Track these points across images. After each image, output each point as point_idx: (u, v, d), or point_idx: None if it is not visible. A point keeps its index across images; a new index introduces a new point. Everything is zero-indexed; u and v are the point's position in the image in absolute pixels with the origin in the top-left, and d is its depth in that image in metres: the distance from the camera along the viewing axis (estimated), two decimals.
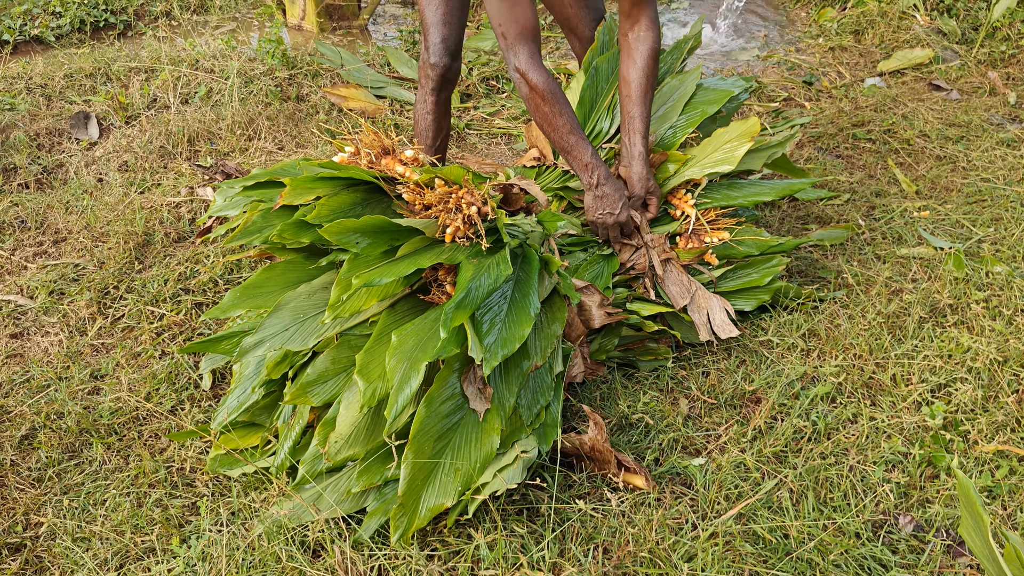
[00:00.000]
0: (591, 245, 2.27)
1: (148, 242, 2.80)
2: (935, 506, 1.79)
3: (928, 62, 4.15)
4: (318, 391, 1.75)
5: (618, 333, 2.18)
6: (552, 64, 4.04)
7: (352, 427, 1.71)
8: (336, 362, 1.78)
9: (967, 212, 2.89)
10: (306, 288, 1.85)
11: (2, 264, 2.73)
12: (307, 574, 1.66)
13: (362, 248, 1.71)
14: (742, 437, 2.00)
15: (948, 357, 2.16)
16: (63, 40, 4.36)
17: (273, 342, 1.79)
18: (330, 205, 1.77)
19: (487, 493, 1.65)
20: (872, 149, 3.42)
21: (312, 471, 1.76)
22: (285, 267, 1.92)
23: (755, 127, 2.28)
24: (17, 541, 1.84)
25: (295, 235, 1.78)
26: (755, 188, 2.37)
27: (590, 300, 2.05)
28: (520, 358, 1.80)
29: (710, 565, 1.65)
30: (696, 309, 2.19)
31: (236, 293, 1.88)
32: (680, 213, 2.31)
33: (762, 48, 4.45)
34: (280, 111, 3.55)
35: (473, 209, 1.80)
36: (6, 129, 3.33)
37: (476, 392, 1.72)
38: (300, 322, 1.82)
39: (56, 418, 2.15)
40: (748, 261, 2.32)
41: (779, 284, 2.33)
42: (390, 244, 1.77)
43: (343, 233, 1.69)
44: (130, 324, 2.48)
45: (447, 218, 1.81)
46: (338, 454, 1.69)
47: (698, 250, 2.26)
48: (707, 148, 2.32)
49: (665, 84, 2.48)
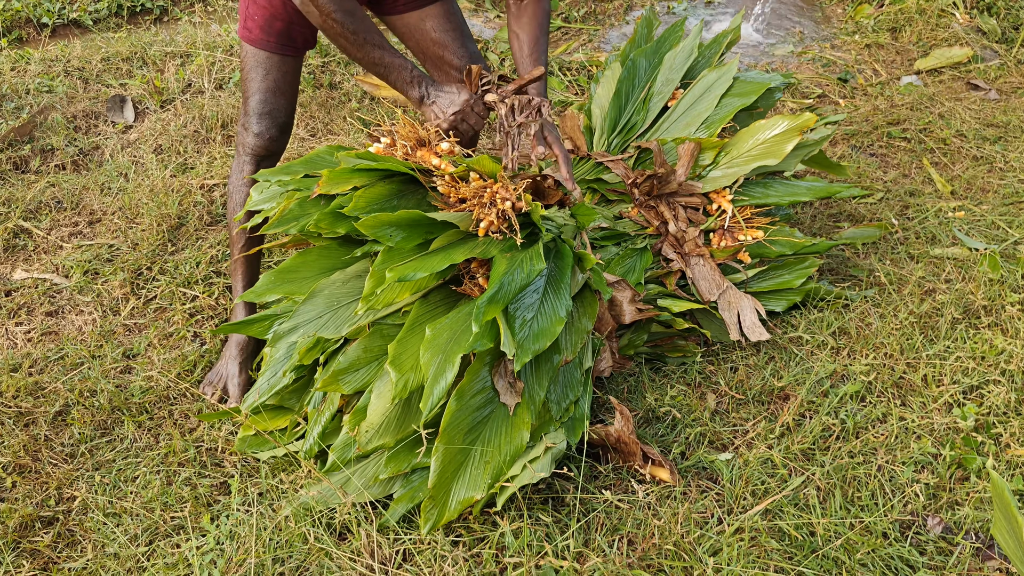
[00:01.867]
0: (624, 239, 2.26)
1: (181, 224, 2.83)
2: (964, 508, 1.78)
3: (966, 61, 4.09)
4: (349, 379, 1.76)
5: (648, 329, 2.17)
6: (584, 56, 4.03)
7: (383, 417, 1.73)
8: (368, 351, 1.79)
9: (1003, 213, 2.85)
10: (340, 276, 1.86)
11: (38, 243, 2.78)
12: (333, 556, 1.68)
13: (396, 241, 1.72)
14: (769, 433, 1.99)
15: (981, 359, 2.13)
16: (101, 24, 4.41)
17: (307, 328, 1.80)
18: (367, 197, 1.78)
19: (517, 485, 1.65)
20: (907, 148, 3.38)
21: (342, 458, 1.78)
22: (320, 253, 1.93)
23: (808, 122, 2.25)
24: (50, 514, 1.87)
25: (331, 225, 1.79)
26: (792, 187, 2.35)
27: (621, 296, 2.05)
28: (551, 353, 1.80)
29: (735, 559, 1.64)
30: (727, 307, 2.18)
31: (271, 277, 1.89)
32: (716, 208, 2.30)
33: (797, 44, 4.41)
34: (312, 98, 3.57)
35: (507, 204, 1.80)
36: (44, 111, 3.38)
37: (507, 386, 1.72)
38: (334, 310, 1.83)
39: (89, 395, 2.18)
40: (781, 262, 2.30)
41: (811, 286, 2.31)
42: (424, 237, 1.78)
43: (379, 227, 1.70)
44: (162, 305, 2.52)
45: (481, 212, 1.81)
46: (369, 443, 1.71)
47: (732, 248, 2.24)
48: (746, 140, 2.30)
49: (702, 77, 2.46)
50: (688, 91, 2.46)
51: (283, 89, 2.16)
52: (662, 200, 2.30)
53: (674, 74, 2.50)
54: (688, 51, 2.53)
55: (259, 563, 1.67)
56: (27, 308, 2.51)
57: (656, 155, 2.26)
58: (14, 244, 2.76)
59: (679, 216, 2.29)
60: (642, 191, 2.30)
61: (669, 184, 2.28)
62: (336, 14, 1.82)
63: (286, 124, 2.20)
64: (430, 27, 2.26)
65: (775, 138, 2.27)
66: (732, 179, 2.28)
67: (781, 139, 2.26)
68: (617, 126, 2.48)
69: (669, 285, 2.23)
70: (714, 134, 2.36)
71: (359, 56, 1.89)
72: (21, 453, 2.00)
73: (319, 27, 1.87)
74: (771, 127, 2.28)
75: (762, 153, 2.26)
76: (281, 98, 2.17)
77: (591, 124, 2.54)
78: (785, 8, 4.80)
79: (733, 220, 2.27)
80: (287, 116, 2.19)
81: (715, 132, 2.37)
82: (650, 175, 2.26)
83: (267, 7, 2.08)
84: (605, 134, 2.48)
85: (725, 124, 2.39)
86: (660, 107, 2.48)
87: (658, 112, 2.48)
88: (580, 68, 3.95)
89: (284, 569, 1.68)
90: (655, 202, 2.30)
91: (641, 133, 2.45)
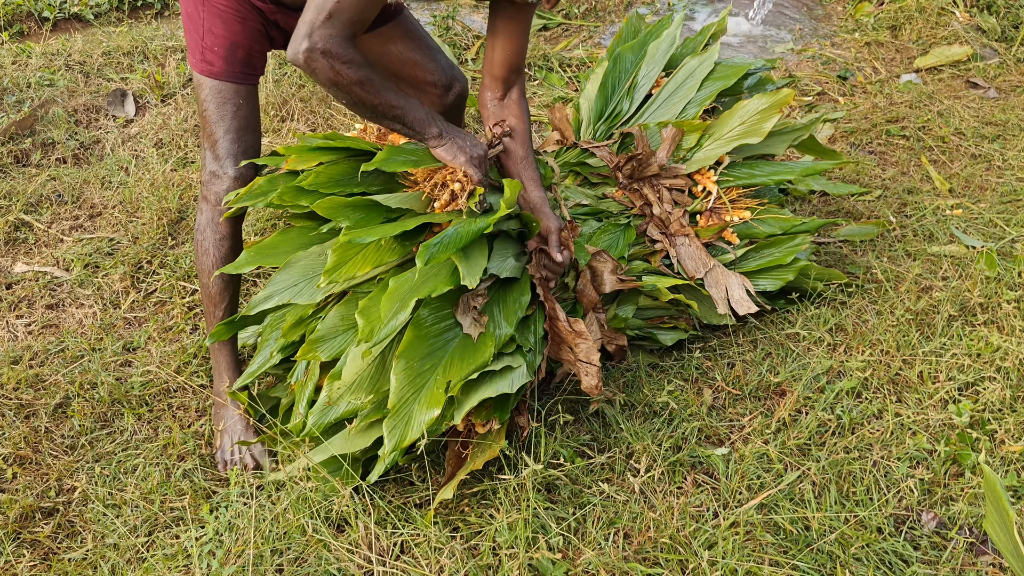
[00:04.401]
0: (606, 215, 2.27)
1: (181, 218, 2.84)
2: (959, 504, 1.79)
3: (966, 59, 4.09)
4: (326, 347, 1.77)
5: (635, 302, 2.18)
6: (584, 53, 4.04)
7: (355, 376, 1.74)
8: (345, 319, 1.81)
9: (1001, 211, 2.86)
10: (317, 248, 1.88)
11: (39, 237, 2.79)
12: (331, 547, 1.69)
13: (354, 221, 1.75)
14: (766, 429, 2.00)
15: (977, 356, 2.14)
16: (102, 18, 4.41)
17: (282, 296, 1.82)
18: (328, 173, 1.82)
19: (477, 399, 1.68)
20: (906, 146, 3.38)
21: (320, 423, 1.77)
22: (299, 232, 1.94)
23: (787, 98, 2.25)
24: (50, 505, 1.88)
25: (294, 198, 1.80)
26: (778, 167, 2.37)
27: (602, 266, 2.07)
28: (518, 293, 1.84)
29: (730, 553, 1.66)
30: (714, 284, 2.20)
31: (251, 252, 1.88)
32: (701, 189, 2.31)
33: (797, 41, 4.42)
34: (313, 93, 3.58)
35: (457, 185, 1.85)
36: (45, 105, 3.39)
37: (471, 321, 1.76)
38: (308, 279, 1.84)
39: (89, 388, 2.19)
40: (771, 241, 2.31)
41: (803, 263, 2.30)
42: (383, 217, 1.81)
43: (334, 208, 1.74)
44: (162, 298, 2.53)
45: (432, 193, 1.86)
46: (340, 399, 1.72)
47: (717, 226, 2.25)
48: (729, 121, 2.31)
49: (684, 64, 2.49)
50: (671, 77, 2.49)
51: (252, 123, 2.00)
52: (646, 182, 2.32)
53: (657, 62, 2.54)
54: (671, 39, 2.56)
55: (257, 554, 1.68)
56: (28, 301, 2.52)
57: (637, 139, 2.27)
58: (15, 237, 2.77)
59: (664, 198, 2.30)
60: (625, 174, 2.32)
61: (650, 166, 2.29)
62: (350, 66, 1.69)
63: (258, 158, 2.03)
64: (396, 50, 2.17)
65: (756, 116, 2.28)
66: (714, 159, 2.30)
67: (762, 117, 2.27)
68: (603, 114, 2.51)
69: (654, 262, 2.24)
70: (696, 116, 2.38)
71: (376, 102, 1.75)
72: (22, 444, 2.01)
73: (329, 81, 1.69)
74: (751, 105, 2.30)
75: (744, 132, 2.28)
76: (252, 134, 2.00)
77: (579, 116, 2.57)
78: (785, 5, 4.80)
79: (719, 201, 2.28)
80: (258, 150, 2.03)
81: (697, 114, 2.38)
82: (630, 157, 2.28)
83: (226, 35, 1.93)
84: (592, 123, 2.51)
85: (707, 106, 2.41)
86: (644, 94, 2.51)
87: (642, 99, 2.50)
88: (580, 64, 3.96)
89: (282, 560, 1.69)
90: (639, 184, 2.32)
91: (626, 120, 2.47)
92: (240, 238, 2.04)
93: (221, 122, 1.95)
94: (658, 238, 2.25)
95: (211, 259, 2.01)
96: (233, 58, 1.94)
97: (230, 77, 1.95)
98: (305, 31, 1.65)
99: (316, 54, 1.65)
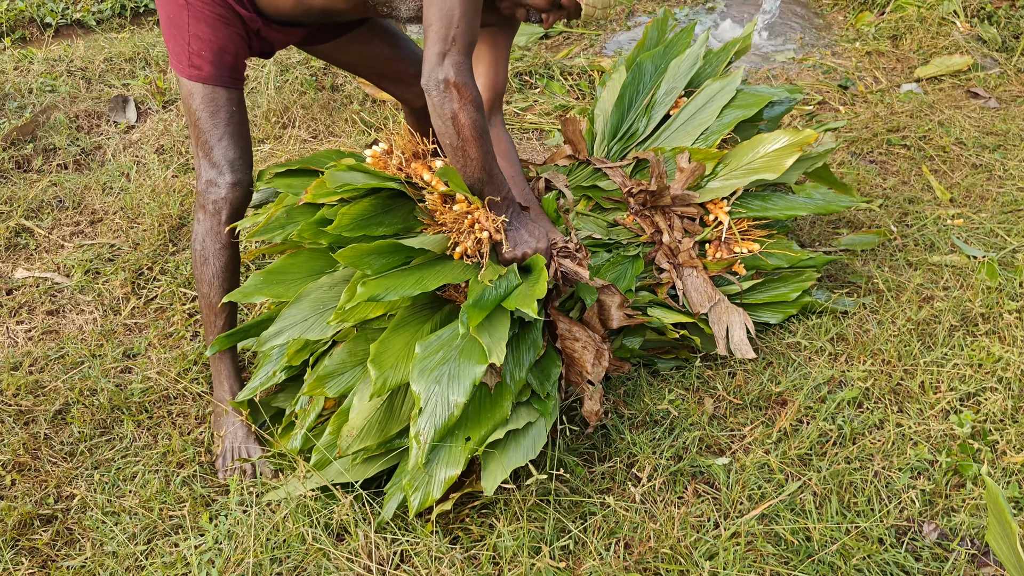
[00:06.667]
0: (616, 246, 2.27)
1: (182, 225, 2.84)
2: (960, 515, 1.78)
3: (967, 69, 4.10)
4: (334, 383, 1.77)
5: (642, 334, 2.18)
6: (586, 61, 4.05)
7: (365, 420, 1.73)
8: (353, 355, 1.79)
9: (1002, 221, 2.86)
10: (328, 280, 1.86)
11: (40, 242, 2.79)
12: (331, 556, 1.68)
13: (375, 268, 1.72)
14: (767, 438, 1.99)
15: (978, 366, 2.14)
16: (104, 24, 4.42)
17: (292, 332, 1.80)
18: (351, 213, 1.76)
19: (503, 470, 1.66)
20: (907, 155, 3.39)
21: (325, 458, 1.78)
22: (309, 255, 1.92)
23: (809, 138, 2.25)
24: (49, 512, 1.88)
25: (314, 236, 1.78)
26: (791, 201, 2.36)
27: (610, 300, 2.05)
28: (531, 335, 1.82)
29: (731, 564, 1.65)
30: (716, 320, 2.18)
31: (259, 277, 1.87)
32: (713, 219, 2.30)
33: (798, 50, 4.42)
34: (315, 100, 3.58)
35: (485, 234, 1.81)
36: (47, 110, 3.39)
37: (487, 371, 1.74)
38: (319, 313, 1.82)
39: (89, 394, 2.19)
40: (778, 275, 2.31)
41: (807, 300, 2.32)
42: (403, 260, 1.78)
43: (357, 258, 1.70)
44: (163, 305, 2.52)
45: (458, 237, 1.82)
46: (349, 448, 1.71)
47: (726, 261, 2.25)
48: (747, 153, 2.30)
49: (705, 87, 2.46)
50: (691, 100, 2.46)
51: (244, 129, 1.98)
52: (658, 210, 2.31)
53: (678, 82, 2.50)
54: (693, 59, 2.52)
55: (257, 563, 1.68)
56: (28, 307, 2.52)
57: (652, 167, 2.26)
58: (16, 243, 2.77)
59: (675, 226, 2.30)
60: (637, 201, 2.31)
61: (664, 198, 2.29)
62: (474, 104, 1.71)
63: (252, 164, 2.02)
64: (375, 48, 2.18)
65: (775, 152, 2.27)
66: (729, 191, 2.29)
67: (781, 154, 2.26)
68: (618, 132, 2.49)
69: (660, 294, 2.23)
70: (713, 145, 2.37)
71: (476, 155, 1.75)
72: (21, 451, 2.01)
73: (451, 113, 1.69)
74: (772, 141, 2.28)
75: (762, 167, 2.27)
76: (244, 139, 1.98)
77: (593, 129, 2.55)
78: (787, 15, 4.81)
79: (729, 232, 2.28)
80: (251, 155, 2.01)
81: (715, 143, 2.37)
82: (643, 189, 2.27)
83: (213, 39, 1.91)
84: (606, 140, 2.49)
85: (725, 135, 2.39)
86: (662, 115, 2.47)
87: (660, 119, 2.47)
88: (581, 73, 3.96)
89: (282, 569, 1.69)
90: (650, 211, 2.31)
91: (642, 140, 2.45)
92: (238, 247, 2.03)
93: (215, 129, 1.93)
94: (666, 267, 2.25)
95: (211, 269, 1.99)
96: (221, 63, 1.93)
97: (220, 82, 1.93)
98: (436, 60, 1.68)
99: (450, 84, 1.68)
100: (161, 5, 1.94)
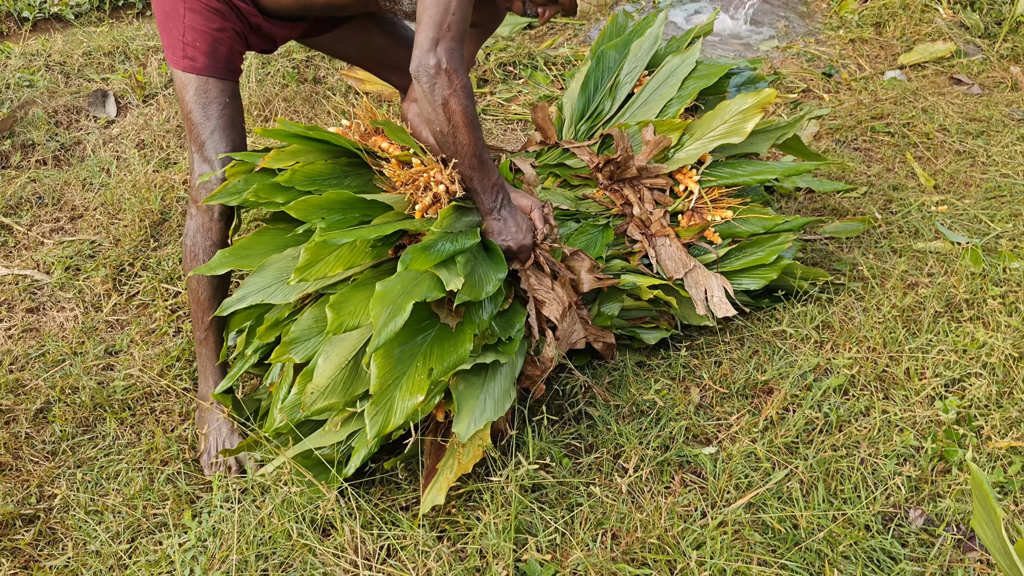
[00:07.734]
0: (585, 216, 2.27)
1: (164, 220, 2.81)
2: (946, 500, 1.79)
3: (950, 56, 4.11)
4: (300, 348, 1.76)
5: (620, 300, 2.17)
6: (569, 51, 4.03)
7: (329, 380, 1.72)
8: (319, 320, 1.79)
9: (985, 207, 2.86)
10: (292, 251, 1.86)
11: (19, 239, 2.75)
12: (316, 551, 1.67)
13: (331, 223, 1.72)
14: (753, 427, 1.99)
15: (963, 352, 2.15)
16: (82, 18, 4.37)
17: (255, 297, 1.80)
18: (305, 171, 1.77)
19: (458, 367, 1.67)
20: (890, 142, 3.39)
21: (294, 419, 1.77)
22: (275, 233, 1.91)
23: (769, 97, 2.25)
24: (31, 512, 1.86)
25: (269, 195, 1.78)
26: (761, 166, 2.36)
27: (579, 265, 2.06)
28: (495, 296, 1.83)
29: (719, 553, 1.65)
30: (693, 284, 2.19)
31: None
32: (683, 189, 2.30)
33: (781, 38, 4.42)
34: (297, 92, 3.55)
35: (441, 188, 1.82)
36: (25, 106, 3.35)
37: (447, 312, 1.74)
38: (282, 281, 1.82)
39: (71, 392, 2.17)
40: (753, 240, 2.30)
41: (786, 262, 2.29)
42: (361, 219, 1.78)
43: (308, 210, 1.70)
44: (145, 301, 2.50)
45: (416, 195, 1.83)
46: (314, 404, 1.70)
47: (698, 227, 2.24)
48: (712, 121, 2.31)
49: (666, 62, 2.48)
50: (653, 76, 2.48)
51: (238, 123, 1.96)
52: (626, 183, 2.31)
53: (639, 61, 2.53)
54: (653, 37, 2.55)
55: (242, 559, 1.66)
56: (7, 304, 2.49)
57: (617, 141, 2.26)
58: None
59: (644, 198, 2.30)
60: (604, 175, 2.31)
61: (629, 169, 2.28)
62: (464, 91, 1.71)
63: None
64: (375, 38, 2.18)
65: (738, 115, 2.28)
66: (696, 158, 2.29)
67: (744, 116, 2.26)
68: (585, 114, 2.50)
69: (632, 262, 2.23)
70: (677, 115, 2.37)
71: (467, 140, 1.75)
72: (2, 451, 1.98)
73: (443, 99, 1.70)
74: (735, 106, 2.29)
75: (726, 132, 2.27)
76: (238, 133, 1.96)
77: (562, 116, 2.56)
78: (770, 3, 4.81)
79: (700, 201, 2.27)
80: (246, 149, 1.99)
81: (678, 113, 2.37)
82: (609, 160, 2.27)
83: (208, 31, 1.91)
84: (573, 123, 2.50)
85: (689, 105, 2.40)
86: (626, 93, 2.49)
87: (624, 98, 2.49)
88: (565, 63, 3.95)
89: (267, 565, 1.67)
90: (619, 185, 2.31)
91: (608, 119, 2.46)
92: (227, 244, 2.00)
93: (207, 122, 1.91)
94: (638, 238, 2.25)
95: (200, 264, 1.96)
96: (215, 54, 1.91)
97: (214, 73, 1.92)
98: (428, 46, 1.69)
99: (441, 69, 1.68)
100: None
